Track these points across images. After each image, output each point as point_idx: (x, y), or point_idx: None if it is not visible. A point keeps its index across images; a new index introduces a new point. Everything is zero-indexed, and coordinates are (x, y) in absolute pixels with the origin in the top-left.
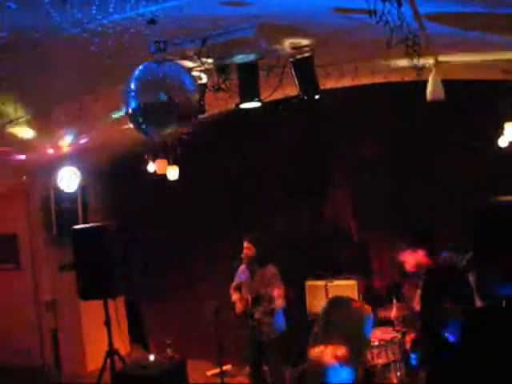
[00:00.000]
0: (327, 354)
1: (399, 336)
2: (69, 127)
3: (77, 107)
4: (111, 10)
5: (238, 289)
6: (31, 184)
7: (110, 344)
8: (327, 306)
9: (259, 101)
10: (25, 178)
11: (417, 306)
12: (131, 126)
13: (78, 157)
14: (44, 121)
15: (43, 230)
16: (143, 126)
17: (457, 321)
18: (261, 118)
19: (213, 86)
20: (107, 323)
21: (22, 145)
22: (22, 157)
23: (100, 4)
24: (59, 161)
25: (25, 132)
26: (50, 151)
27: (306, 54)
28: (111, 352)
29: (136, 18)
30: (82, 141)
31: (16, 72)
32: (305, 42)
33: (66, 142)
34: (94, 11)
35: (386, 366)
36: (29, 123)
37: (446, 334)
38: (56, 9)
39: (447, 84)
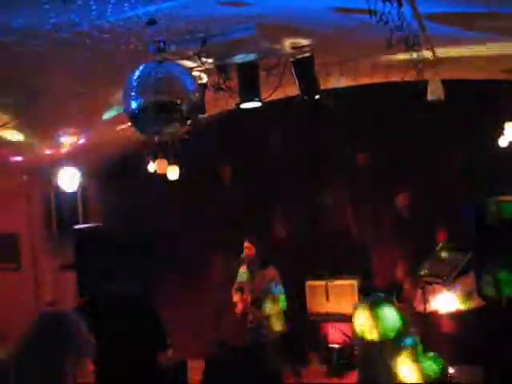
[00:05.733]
0: None
1: None
2: (68, 127)
3: (76, 107)
4: (110, 10)
5: (240, 290)
6: (31, 184)
7: None
8: None
9: (259, 101)
10: (25, 177)
11: (418, 306)
12: (131, 125)
13: (78, 157)
14: (42, 122)
15: (43, 229)
16: (143, 126)
17: None
18: (260, 118)
19: (213, 85)
20: None
21: (18, 147)
22: (19, 158)
23: (99, 5)
24: (59, 161)
25: (17, 135)
26: (48, 152)
27: (306, 54)
28: None
29: (136, 18)
30: (82, 141)
31: (15, 73)
32: (305, 41)
33: (66, 142)
34: (93, 12)
35: None
36: (21, 126)
37: None
38: (56, 10)
39: (447, 84)
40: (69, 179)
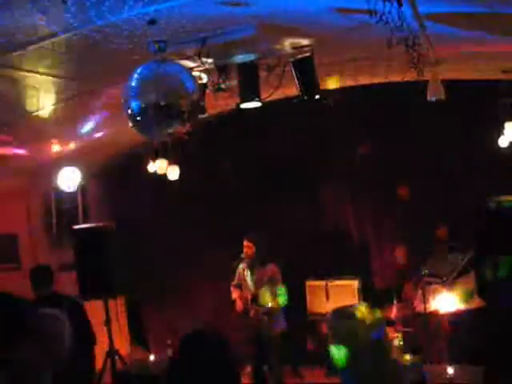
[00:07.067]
0: None
1: (400, 336)
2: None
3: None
4: (110, 10)
5: (239, 287)
6: (31, 184)
7: (111, 344)
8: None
9: (259, 101)
10: (25, 177)
11: (417, 307)
12: (131, 125)
13: (78, 157)
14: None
15: (43, 229)
16: (143, 127)
17: None
18: (260, 117)
19: (213, 85)
20: (107, 323)
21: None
22: (19, 158)
23: (98, 5)
24: (59, 161)
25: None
26: (54, 148)
27: (306, 54)
28: (111, 352)
29: (136, 18)
30: (82, 140)
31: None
32: (305, 41)
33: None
34: (92, 13)
35: None
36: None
37: None
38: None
39: (447, 84)
40: (69, 179)
